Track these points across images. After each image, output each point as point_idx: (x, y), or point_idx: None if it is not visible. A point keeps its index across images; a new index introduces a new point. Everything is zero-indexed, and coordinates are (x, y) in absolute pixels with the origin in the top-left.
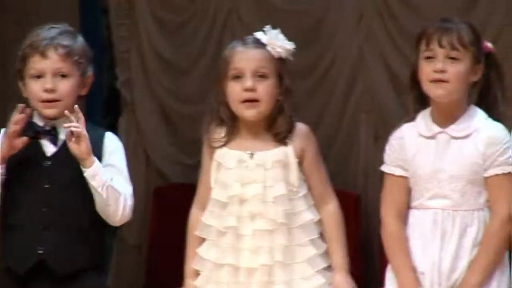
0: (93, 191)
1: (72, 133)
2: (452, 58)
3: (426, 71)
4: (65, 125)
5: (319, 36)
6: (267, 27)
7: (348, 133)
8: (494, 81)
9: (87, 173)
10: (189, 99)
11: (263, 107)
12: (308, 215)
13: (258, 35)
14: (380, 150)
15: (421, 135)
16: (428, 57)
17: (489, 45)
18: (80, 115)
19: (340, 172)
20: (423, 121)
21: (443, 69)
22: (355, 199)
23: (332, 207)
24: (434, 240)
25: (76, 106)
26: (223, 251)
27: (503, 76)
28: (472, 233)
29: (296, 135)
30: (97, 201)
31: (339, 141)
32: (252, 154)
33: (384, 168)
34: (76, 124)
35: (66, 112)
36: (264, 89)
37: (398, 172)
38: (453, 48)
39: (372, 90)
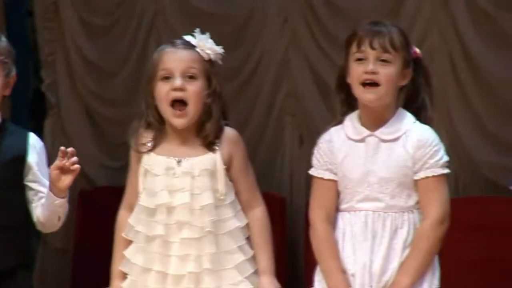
0: (52, 210)
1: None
2: (383, 60)
3: (357, 72)
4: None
5: (244, 39)
6: (196, 31)
7: (273, 136)
8: (422, 86)
9: (59, 202)
10: (114, 102)
11: (193, 110)
12: (235, 222)
13: (188, 38)
14: (305, 153)
15: (350, 139)
16: (359, 59)
17: (417, 50)
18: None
19: (266, 175)
20: (351, 124)
21: (374, 71)
22: (281, 201)
23: (258, 212)
24: (365, 242)
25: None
26: (151, 257)
27: (430, 81)
28: (403, 234)
29: (224, 141)
30: (50, 217)
31: (264, 144)
32: (179, 161)
33: (312, 171)
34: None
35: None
36: (193, 89)
37: (327, 176)
38: (385, 50)
39: (297, 93)
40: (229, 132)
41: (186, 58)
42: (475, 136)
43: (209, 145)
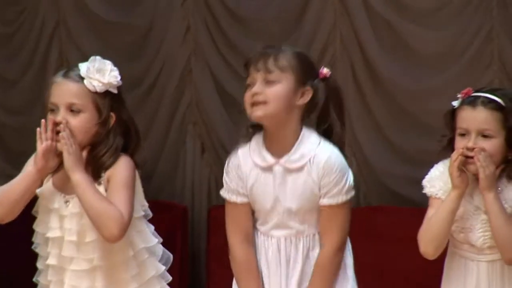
0: None
1: None
2: (270, 81)
3: (246, 97)
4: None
5: (147, 48)
6: (93, 58)
7: (175, 145)
8: (331, 105)
9: None
10: (16, 111)
11: (67, 141)
12: (128, 252)
13: (82, 67)
14: (207, 162)
15: (256, 165)
16: (249, 85)
17: (325, 70)
18: None
19: (168, 184)
20: (257, 148)
21: (257, 92)
22: (183, 211)
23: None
24: (279, 267)
25: None
26: (48, 283)
27: (341, 100)
28: (314, 256)
29: (112, 168)
30: None
31: (166, 153)
32: (67, 202)
33: (224, 194)
34: None
35: None
36: (74, 124)
37: (240, 200)
38: (268, 71)
39: (199, 101)
40: (119, 159)
41: (71, 92)
42: (376, 146)
43: (97, 178)
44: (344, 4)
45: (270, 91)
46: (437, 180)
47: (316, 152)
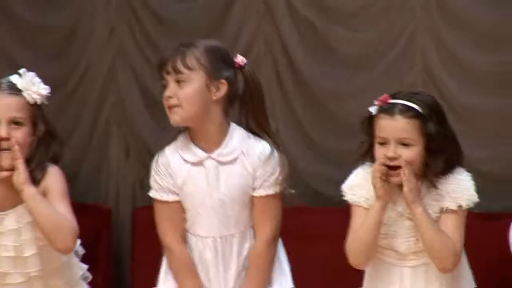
0: None
1: None
2: (180, 82)
3: (163, 99)
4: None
5: (70, 49)
6: (23, 70)
7: (99, 147)
8: (251, 95)
9: None
10: None
11: (18, 156)
12: (63, 258)
13: (14, 79)
14: (131, 164)
15: (186, 161)
16: (164, 86)
17: (239, 59)
18: None
19: (92, 185)
20: (185, 145)
21: (169, 95)
22: (107, 212)
23: None
24: (217, 266)
25: None
26: None
27: (259, 88)
28: (247, 250)
29: (44, 180)
30: None
31: (90, 154)
32: (2, 219)
33: (154, 194)
34: None
35: None
36: (20, 137)
37: (172, 198)
38: (178, 72)
39: (123, 103)
40: (49, 170)
41: (12, 106)
42: (299, 146)
43: None
44: (268, 5)
45: (182, 93)
46: (358, 188)
47: (249, 144)
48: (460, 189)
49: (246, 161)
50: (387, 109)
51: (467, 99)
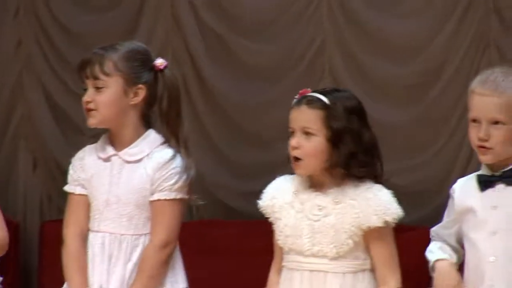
0: None
1: None
2: (98, 87)
3: (83, 101)
4: None
5: None
6: None
7: (7, 160)
8: (168, 98)
9: None
10: None
11: None
12: None
13: None
14: (39, 177)
15: (99, 157)
16: (85, 89)
17: (158, 62)
18: None
19: (0, 199)
20: (102, 143)
21: (87, 100)
22: (15, 226)
23: None
24: (102, 263)
25: None
26: None
27: (176, 93)
28: (137, 257)
29: None
30: None
31: None
32: None
33: (67, 187)
34: None
35: None
36: None
37: (78, 190)
38: (95, 77)
39: (31, 116)
40: None
41: None
42: (208, 159)
43: None
44: (176, 18)
45: (100, 98)
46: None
47: (156, 149)
48: (383, 203)
49: (148, 164)
50: (297, 101)
51: (375, 111)
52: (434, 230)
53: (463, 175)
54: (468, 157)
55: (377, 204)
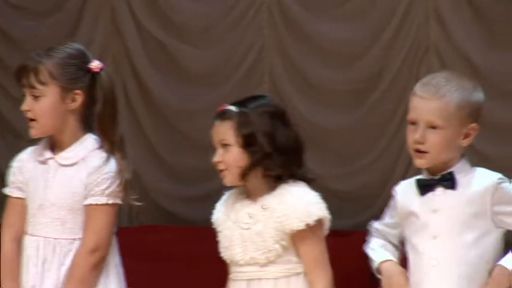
0: None
1: None
2: (35, 96)
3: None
4: None
5: None
6: None
7: None
8: (103, 100)
9: None
10: None
11: None
12: None
13: None
14: None
15: (37, 160)
16: (23, 95)
17: (93, 65)
18: None
19: None
20: (42, 146)
21: (26, 109)
22: None
23: None
24: (36, 267)
25: None
26: None
27: (111, 95)
28: (70, 261)
29: None
30: None
31: None
32: None
33: (5, 190)
34: None
35: None
36: None
37: (16, 193)
38: (32, 87)
39: None
40: None
41: None
42: (148, 164)
43: None
44: (116, 23)
45: (37, 107)
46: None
47: (91, 153)
48: (304, 206)
49: (82, 168)
50: (214, 118)
51: (315, 116)
52: (375, 227)
53: (402, 180)
54: (407, 163)
55: (298, 207)
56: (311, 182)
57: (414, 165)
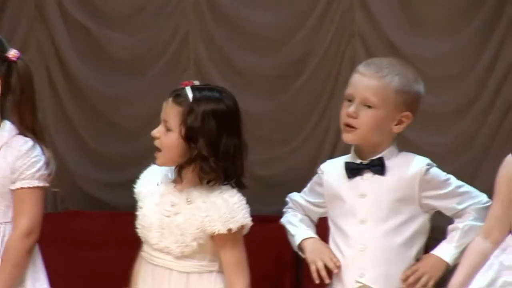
0: None
1: None
2: None
3: None
4: None
5: None
6: None
7: None
8: (20, 89)
9: None
10: None
11: None
12: None
13: None
14: None
15: None
16: None
17: (11, 53)
18: None
19: None
20: None
21: None
22: None
23: None
24: None
25: None
26: None
27: (28, 84)
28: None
29: None
30: None
31: None
32: None
33: None
34: None
35: None
36: None
37: None
38: None
39: None
40: None
41: None
42: (74, 151)
43: None
44: (40, 9)
45: None
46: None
47: (14, 138)
48: (230, 210)
49: (7, 153)
50: (171, 92)
51: (240, 102)
52: (297, 200)
53: None
54: (333, 147)
55: (224, 210)
56: (243, 187)
57: (339, 149)
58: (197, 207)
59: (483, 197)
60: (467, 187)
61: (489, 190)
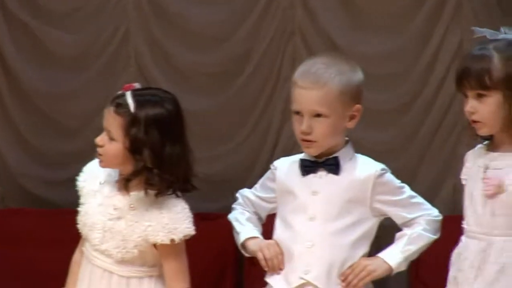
0: None
1: None
2: None
3: None
4: None
5: None
6: None
7: None
8: None
9: None
10: None
11: None
12: None
13: None
14: None
15: None
16: None
17: None
18: None
19: None
20: None
21: None
22: None
23: None
24: None
25: None
26: None
27: None
28: None
29: None
30: None
31: None
32: None
33: None
34: None
35: None
36: None
37: None
38: None
39: None
40: None
41: None
42: (14, 148)
43: None
44: None
45: None
46: None
47: None
48: (173, 221)
49: None
50: (113, 99)
51: (181, 100)
52: (247, 195)
53: (269, 162)
54: (273, 145)
55: (167, 221)
56: (191, 190)
57: (280, 147)
58: (140, 214)
59: (435, 211)
60: (419, 199)
61: (430, 186)
